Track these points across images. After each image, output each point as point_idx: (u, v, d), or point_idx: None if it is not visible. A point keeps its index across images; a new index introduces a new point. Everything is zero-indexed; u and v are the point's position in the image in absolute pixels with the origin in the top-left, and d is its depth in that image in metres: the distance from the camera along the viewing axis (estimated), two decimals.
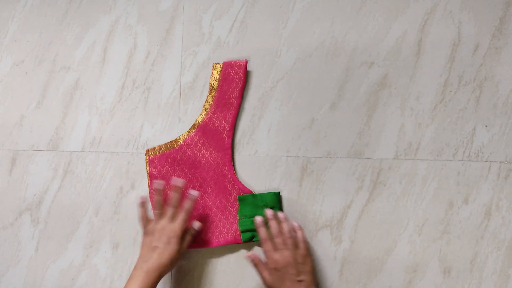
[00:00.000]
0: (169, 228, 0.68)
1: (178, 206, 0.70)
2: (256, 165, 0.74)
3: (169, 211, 0.70)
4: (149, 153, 0.76)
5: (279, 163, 0.74)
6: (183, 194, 0.72)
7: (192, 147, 0.75)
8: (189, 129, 0.75)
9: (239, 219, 0.72)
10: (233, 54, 0.76)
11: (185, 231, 0.70)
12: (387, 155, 0.71)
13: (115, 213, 0.78)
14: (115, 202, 0.78)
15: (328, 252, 0.71)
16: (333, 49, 0.73)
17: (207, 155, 0.75)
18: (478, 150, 0.68)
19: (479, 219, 0.68)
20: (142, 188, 0.78)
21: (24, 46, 0.83)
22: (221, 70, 0.75)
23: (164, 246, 0.66)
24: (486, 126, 0.68)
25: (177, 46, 0.78)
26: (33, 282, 0.80)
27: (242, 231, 0.72)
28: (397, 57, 0.71)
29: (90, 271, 0.79)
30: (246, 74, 0.74)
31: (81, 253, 0.79)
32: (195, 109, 0.77)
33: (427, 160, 0.70)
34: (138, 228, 0.77)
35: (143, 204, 0.71)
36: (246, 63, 0.74)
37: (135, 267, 0.66)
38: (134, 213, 0.78)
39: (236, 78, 0.74)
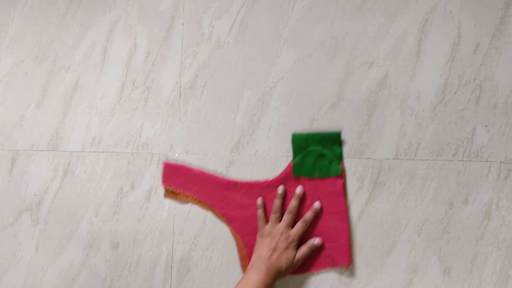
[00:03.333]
0: (287, 234, 0.67)
1: (296, 213, 0.69)
2: (256, 165, 0.74)
3: (287, 217, 0.68)
4: None
5: (279, 163, 0.74)
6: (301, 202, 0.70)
7: None
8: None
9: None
10: (233, 54, 0.76)
11: (302, 242, 0.69)
12: (387, 155, 0.71)
13: (115, 213, 0.78)
14: (115, 202, 0.78)
15: None
16: (333, 49, 0.73)
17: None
18: (478, 150, 0.68)
19: (479, 219, 0.68)
20: (142, 188, 0.78)
21: (24, 46, 0.83)
22: None
23: (283, 250, 0.66)
24: (486, 126, 0.68)
25: (177, 46, 0.78)
26: (33, 282, 0.80)
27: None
28: (397, 57, 0.71)
29: (90, 271, 0.79)
30: None
31: (81, 253, 0.79)
32: (195, 109, 0.77)
33: (427, 160, 0.70)
34: (138, 228, 0.77)
35: (261, 206, 0.71)
36: None
37: (251, 265, 0.65)
38: (134, 213, 0.78)
39: None
